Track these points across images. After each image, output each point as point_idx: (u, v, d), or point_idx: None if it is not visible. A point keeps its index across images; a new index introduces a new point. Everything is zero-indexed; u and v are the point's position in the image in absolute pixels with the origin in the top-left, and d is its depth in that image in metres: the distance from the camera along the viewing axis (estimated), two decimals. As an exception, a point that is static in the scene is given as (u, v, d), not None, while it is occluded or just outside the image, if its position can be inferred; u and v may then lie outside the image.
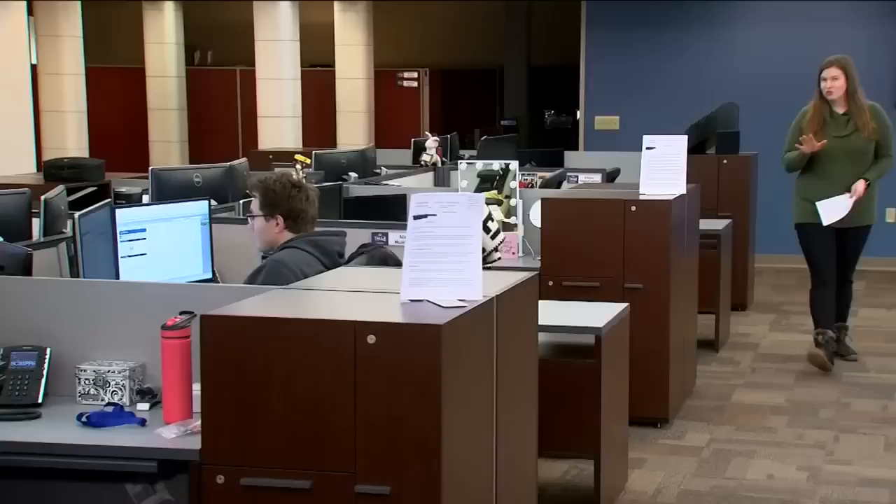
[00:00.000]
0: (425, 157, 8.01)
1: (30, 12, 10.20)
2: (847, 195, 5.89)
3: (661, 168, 5.21)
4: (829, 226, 5.93)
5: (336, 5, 12.97)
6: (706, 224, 6.10)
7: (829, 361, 6.03)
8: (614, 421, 4.17)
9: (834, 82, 5.90)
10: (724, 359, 6.45)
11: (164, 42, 13.62)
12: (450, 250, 2.65)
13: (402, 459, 2.43)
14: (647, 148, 5.25)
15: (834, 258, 6.03)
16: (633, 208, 4.99)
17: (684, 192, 5.19)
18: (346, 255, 3.77)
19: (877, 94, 9.46)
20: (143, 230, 4.18)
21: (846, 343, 6.39)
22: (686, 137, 5.36)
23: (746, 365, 6.33)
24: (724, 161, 7.70)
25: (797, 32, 9.51)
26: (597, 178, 7.35)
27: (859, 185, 5.89)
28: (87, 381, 3.06)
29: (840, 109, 5.96)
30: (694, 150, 7.68)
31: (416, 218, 2.65)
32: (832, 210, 5.90)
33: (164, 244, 4.26)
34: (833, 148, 5.91)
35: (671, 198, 5.07)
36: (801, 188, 6.09)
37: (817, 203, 5.89)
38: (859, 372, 6.18)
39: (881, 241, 9.54)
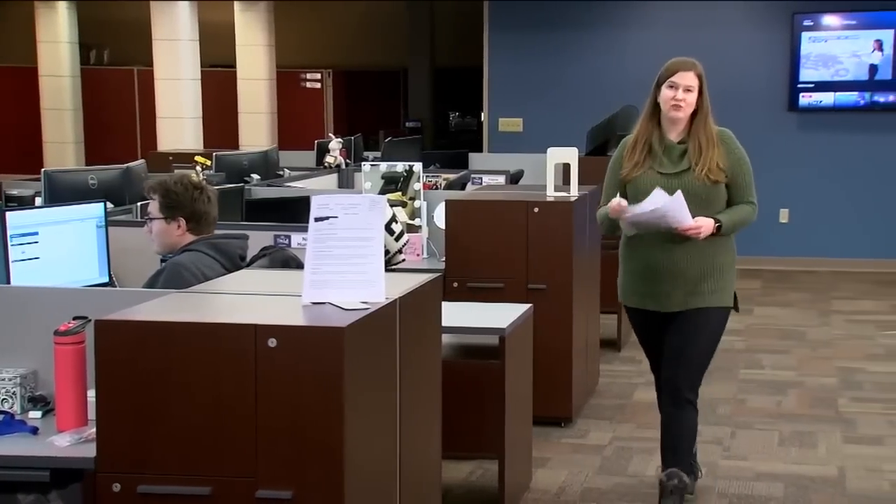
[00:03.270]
0: (329, 159, 7.97)
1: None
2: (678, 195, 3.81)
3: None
4: (658, 315, 4.00)
5: (236, 5, 12.81)
6: (607, 225, 6.18)
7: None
8: (518, 421, 4.20)
9: (687, 94, 3.92)
10: (625, 358, 6.54)
11: (57, 41, 13.28)
12: (352, 252, 2.63)
13: (304, 463, 2.40)
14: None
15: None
16: (536, 209, 5.03)
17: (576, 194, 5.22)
18: (248, 258, 3.72)
19: (771, 98, 9.81)
20: (36, 233, 4.06)
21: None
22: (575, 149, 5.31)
23: (647, 364, 6.42)
24: (625, 163, 7.80)
25: (694, 35, 9.72)
26: (501, 179, 7.40)
27: (703, 221, 3.86)
28: (-25, 390, 2.96)
29: (675, 136, 3.99)
30: (595, 151, 7.81)
31: (317, 220, 2.62)
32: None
33: (58, 248, 4.14)
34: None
35: (573, 199, 5.13)
36: (623, 254, 4.12)
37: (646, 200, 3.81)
38: (755, 369, 6.34)
39: (776, 241, 9.86)
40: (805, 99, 9.69)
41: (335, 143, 8.00)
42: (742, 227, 4.02)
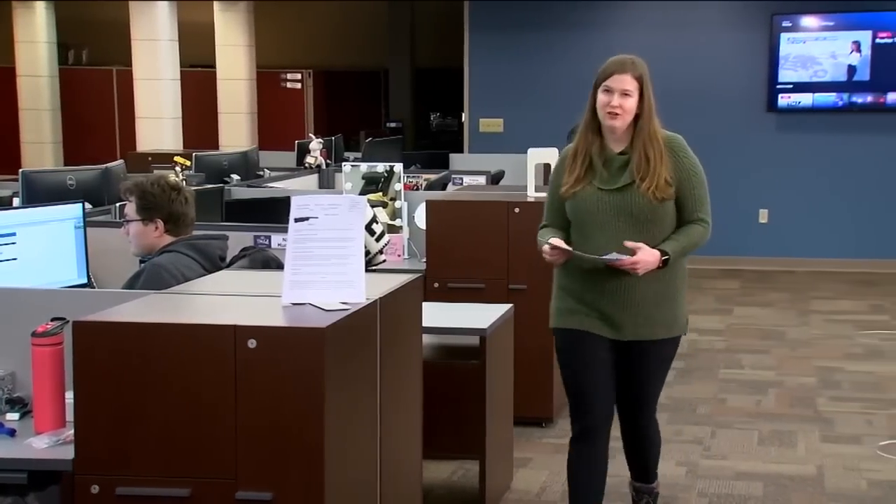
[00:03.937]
0: (310, 160, 7.96)
1: None
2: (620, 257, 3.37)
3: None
4: (605, 340, 3.48)
5: (216, 5, 12.77)
6: (588, 225, 6.18)
7: None
8: (499, 421, 4.20)
9: (625, 99, 3.43)
10: (606, 358, 6.55)
11: (35, 41, 13.21)
12: (332, 253, 2.62)
13: (285, 464, 2.39)
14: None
15: (610, 390, 3.58)
16: (517, 210, 5.04)
17: None
18: (228, 259, 3.71)
19: (750, 98, 9.86)
20: (13, 234, 4.03)
21: None
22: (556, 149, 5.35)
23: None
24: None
25: (674, 35, 9.75)
26: (481, 179, 7.41)
27: (644, 255, 3.36)
28: (-48, 392, 2.93)
29: (617, 146, 3.48)
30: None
31: (297, 221, 2.61)
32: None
33: (36, 249, 4.12)
34: (598, 209, 3.44)
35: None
36: (559, 273, 3.60)
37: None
38: (735, 369, 6.36)
39: (755, 241, 9.91)
40: (784, 100, 9.74)
41: (316, 144, 7.99)
42: (692, 251, 3.50)
